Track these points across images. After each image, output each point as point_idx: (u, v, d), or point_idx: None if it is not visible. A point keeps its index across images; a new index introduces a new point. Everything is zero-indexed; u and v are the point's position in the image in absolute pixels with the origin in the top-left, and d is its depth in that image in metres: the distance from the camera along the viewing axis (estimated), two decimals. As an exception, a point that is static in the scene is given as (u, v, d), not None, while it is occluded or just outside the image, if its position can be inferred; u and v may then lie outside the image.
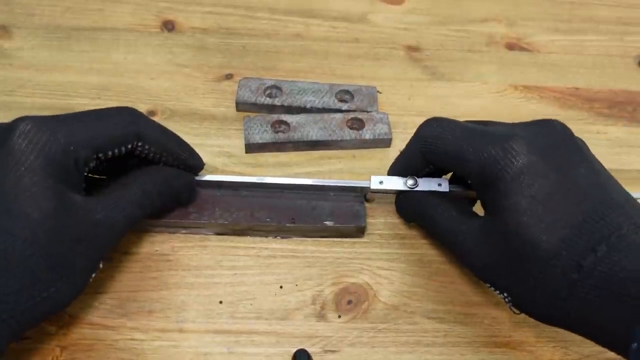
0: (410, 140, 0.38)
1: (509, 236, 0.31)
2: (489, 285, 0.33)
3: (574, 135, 0.34)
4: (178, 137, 0.37)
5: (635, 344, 0.26)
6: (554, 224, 0.29)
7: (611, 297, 0.27)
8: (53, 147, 0.30)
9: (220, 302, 0.36)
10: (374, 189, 0.39)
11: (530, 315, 0.32)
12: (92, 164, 0.33)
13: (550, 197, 0.30)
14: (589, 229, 0.29)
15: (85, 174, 0.33)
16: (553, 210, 0.30)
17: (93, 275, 0.32)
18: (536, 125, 0.33)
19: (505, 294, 0.32)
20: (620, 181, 0.44)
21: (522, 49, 0.55)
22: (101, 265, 0.33)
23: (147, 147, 0.35)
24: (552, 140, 0.32)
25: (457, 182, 0.38)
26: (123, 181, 0.35)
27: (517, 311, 0.32)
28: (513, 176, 0.31)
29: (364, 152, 0.45)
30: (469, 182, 0.35)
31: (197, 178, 0.39)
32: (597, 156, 0.46)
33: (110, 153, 0.33)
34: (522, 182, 0.30)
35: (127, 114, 0.35)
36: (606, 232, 0.29)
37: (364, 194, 0.40)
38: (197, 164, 0.38)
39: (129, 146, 0.34)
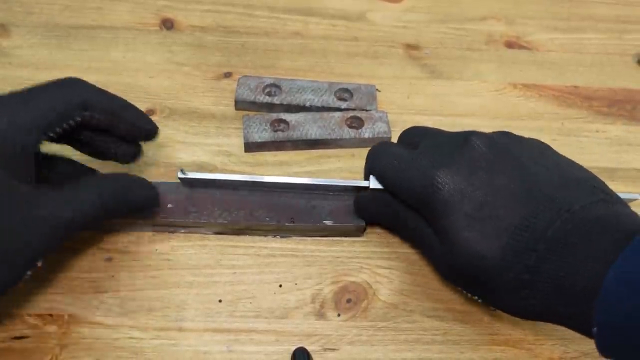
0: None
1: (456, 253, 0.32)
2: (460, 288, 0.35)
3: (495, 139, 0.34)
4: (126, 101, 0.36)
5: (595, 329, 0.27)
6: (492, 233, 0.31)
7: (562, 291, 0.29)
8: None
9: (220, 301, 0.37)
10: (373, 188, 0.38)
11: (505, 312, 0.33)
12: (39, 144, 0.32)
13: (482, 209, 0.31)
14: (524, 230, 0.30)
15: (39, 156, 0.32)
16: (488, 221, 0.31)
17: (28, 272, 0.30)
18: (458, 141, 0.35)
19: (476, 297, 0.34)
20: (619, 180, 0.45)
21: (521, 47, 0.55)
22: (39, 264, 0.31)
23: (96, 115, 0.34)
24: (475, 156, 0.33)
25: None
26: (79, 181, 0.34)
27: (493, 308, 0.34)
28: (443, 200, 0.33)
29: (363, 150, 0.45)
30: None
31: (195, 176, 0.38)
32: (596, 155, 0.46)
33: (58, 129, 0.32)
34: (454, 203, 0.32)
35: (70, 84, 0.34)
36: (542, 228, 0.30)
37: None
38: (149, 128, 0.37)
39: (77, 118, 0.33)
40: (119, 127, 0.35)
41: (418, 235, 0.36)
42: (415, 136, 0.39)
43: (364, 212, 0.39)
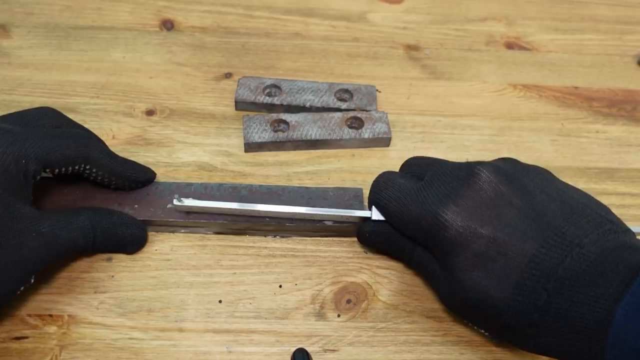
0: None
1: (464, 291, 0.32)
2: (466, 322, 0.35)
3: (502, 168, 0.34)
4: (125, 160, 0.39)
5: None
6: (502, 272, 0.30)
7: (571, 329, 0.28)
8: (8, 158, 0.32)
9: (220, 302, 0.36)
10: (375, 220, 0.37)
11: (514, 347, 0.33)
12: (38, 177, 0.34)
13: (491, 247, 0.31)
14: (535, 269, 0.30)
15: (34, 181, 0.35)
16: (497, 260, 0.31)
17: (22, 287, 0.33)
18: (464, 172, 0.34)
19: (483, 331, 0.34)
20: (619, 180, 0.45)
21: (521, 48, 0.55)
22: (32, 280, 0.33)
23: (94, 170, 0.37)
24: (484, 187, 0.32)
25: None
26: (74, 210, 0.36)
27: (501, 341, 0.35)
28: (451, 239, 0.32)
29: (363, 151, 0.45)
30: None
31: (191, 204, 0.37)
32: (596, 155, 0.46)
33: (57, 171, 0.35)
34: (462, 241, 0.32)
35: (80, 137, 0.36)
36: (552, 265, 0.29)
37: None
38: (148, 178, 0.40)
39: (77, 167, 0.36)
40: (116, 182, 0.38)
41: (423, 268, 0.36)
42: (419, 166, 0.38)
43: (366, 243, 0.39)
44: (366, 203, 0.40)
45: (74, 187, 0.39)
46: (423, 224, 0.33)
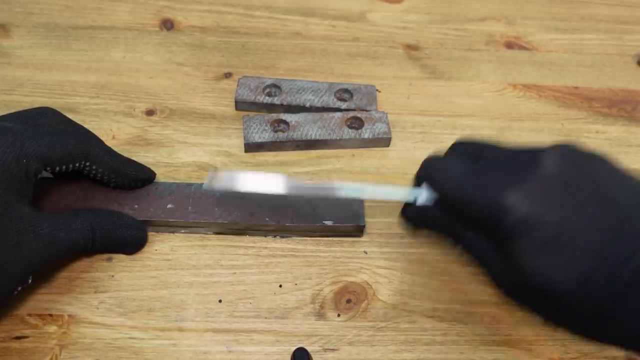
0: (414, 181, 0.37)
1: (527, 278, 0.30)
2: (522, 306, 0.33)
3: (568, 156, 0.32)
4: (125, 158, 0.39)
5: None
6: (569, 260, 0.29)
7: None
8: (9, 157, 0.32)
9: (220, 301, 0.37)
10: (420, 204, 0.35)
11: (577, 335, 0.31)
12: (39, 175, 0.34)
13: (558, 234, 0.29)
14: (605, 258, 0.28)
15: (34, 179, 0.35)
16: (564, 247, 0.29)
17: (19, 288, 0.33)
18: (525, 157, 0.32)
19: (539, 316, 0.32)
20: (619, 180, 0.45)
21: (521, 47, 0.55)
22: (30, 281, 0.34)
23: (94, 167, 0.37)
24: (549, 174, 0.31)
25: None
26: (74, 211, 0.36)
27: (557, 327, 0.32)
28: (514, 224, 0.30)
29: (363, 151, 0.45)
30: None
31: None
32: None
33: (58, 169, 0.35)
34: (527, 226, 0.30)
35: (80, 134, 0.37)
36: (624, 255, 0.28)
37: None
38: (147, 178, 0.40)
39: (77, 165, 0.36)
40: (116, 180, 0.38)
41: (476, 252, 0.34)
42: (472, 147, 0.36)
43: (412, 223, 0.37)
44: (366, 203, 0.40)
45: (74, 187, 0.39)
46: (482, 209, 0.31)
